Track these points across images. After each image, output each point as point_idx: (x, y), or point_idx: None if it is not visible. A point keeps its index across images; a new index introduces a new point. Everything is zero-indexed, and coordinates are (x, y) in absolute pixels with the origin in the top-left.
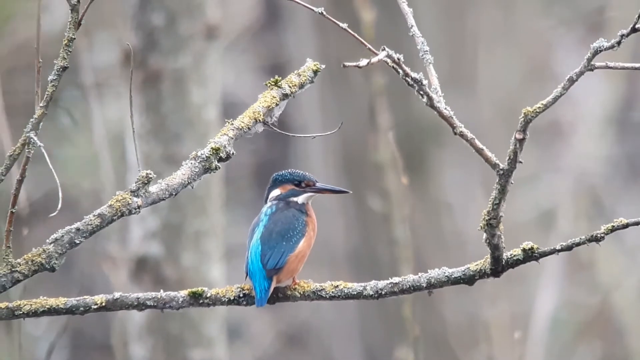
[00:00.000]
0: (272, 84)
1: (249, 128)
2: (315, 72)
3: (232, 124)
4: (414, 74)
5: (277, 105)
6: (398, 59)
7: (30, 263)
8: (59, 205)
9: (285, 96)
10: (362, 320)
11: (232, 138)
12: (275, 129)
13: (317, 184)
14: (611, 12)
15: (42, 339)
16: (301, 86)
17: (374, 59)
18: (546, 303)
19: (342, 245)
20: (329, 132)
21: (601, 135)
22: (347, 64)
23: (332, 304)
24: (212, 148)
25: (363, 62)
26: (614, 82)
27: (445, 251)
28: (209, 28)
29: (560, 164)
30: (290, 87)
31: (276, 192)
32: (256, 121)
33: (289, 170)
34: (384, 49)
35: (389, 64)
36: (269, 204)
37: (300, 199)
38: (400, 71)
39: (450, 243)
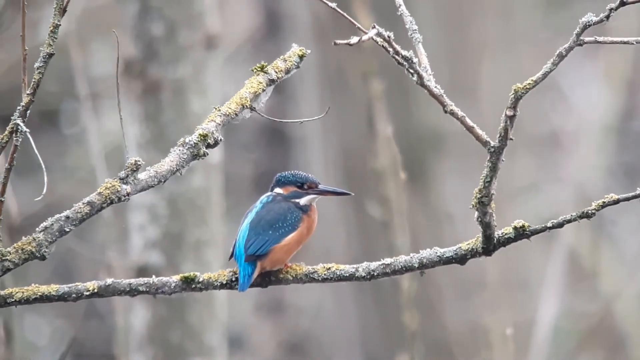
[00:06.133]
0: (258, 69)
1: (236, 114)
2: (301, 57)
3: (219, 110)
4: (404, 52)
5: (263, 90)
6: (388, 36)
7: (20, 251)
8: (44, 190)
9: (271, 81)
10: (363, 328)
11: (220, 124)
12: (262, 114)
13: (320, 186)
14: (612, 22)
15: (44, 349)
16: (287, 71)
17: (365, 37)
18: (548, 312)
19: (342, 254)
20: (316, 117)
21: (601, 146)
22: (338, 41)
23: (333, 312)
24: (200, 134)
25: (354, 39)
26: (614, 92)
27: None
28: (209, 38)
29: (561, 175)
30: (276, 72)
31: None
32: (243, 107)
33: (292, 171)
34: (374, 27)
35: (379, 43)
36: (268, 193)
37: (302, 201)
38: (391, 49)
39: None
